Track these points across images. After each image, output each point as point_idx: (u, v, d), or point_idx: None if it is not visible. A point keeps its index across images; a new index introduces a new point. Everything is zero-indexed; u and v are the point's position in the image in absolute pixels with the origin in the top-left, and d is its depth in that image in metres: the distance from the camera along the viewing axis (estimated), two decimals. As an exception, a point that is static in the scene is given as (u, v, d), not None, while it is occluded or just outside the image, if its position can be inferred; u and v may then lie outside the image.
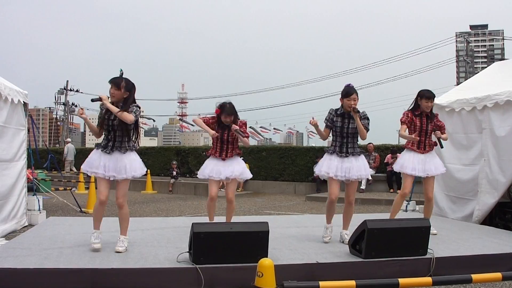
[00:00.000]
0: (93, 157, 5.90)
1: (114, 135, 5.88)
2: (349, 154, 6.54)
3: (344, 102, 6.51)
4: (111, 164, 5.80)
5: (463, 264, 5.65)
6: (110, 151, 5.85)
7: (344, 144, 6.57)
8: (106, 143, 5.90)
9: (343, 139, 6.57)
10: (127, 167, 5.85)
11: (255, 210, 13.34)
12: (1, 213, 8.03)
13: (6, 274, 4.87)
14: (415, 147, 7.31)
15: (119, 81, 5.86)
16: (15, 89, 8.61)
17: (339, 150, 6.56)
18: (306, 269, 5.33)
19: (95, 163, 5.84)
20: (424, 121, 7.25)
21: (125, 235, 5.97)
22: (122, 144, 5.90)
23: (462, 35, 61.12)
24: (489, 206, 8.35)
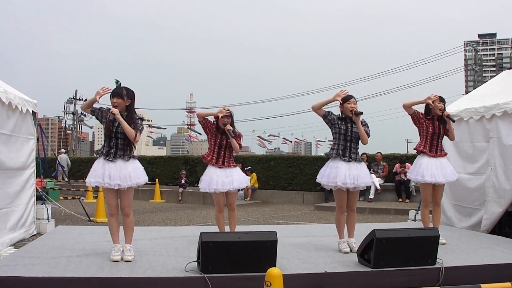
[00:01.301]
0: (97, 168, 5.88)
1: (116, 143, 5.87)
2: (352, 159, 6.50)
3: (344, 107, 6.51)
4: (115, 173, 5.79)
5: (473, 273, 5.61)
6: (113, 158, 5.85)
7: (348, 148, 6.52)
8: (108, 150, 5.89)
9: (346, 143, 6.52)
10: (132, 175, 5.85)
11: (264, 219, 13.33)
12: (9, 222, 8.06)
13: (15, 283, 4.88)
14: (427, 149, 7.24)
15: (120, 91, 5.88)
16: (25, 99, 8.66)
17: (343, 154, 6.51)
18: (315, 279, 5.31)
19: (99, 173, 5.82)
20: (436, 124, 7.21)
21: (131, 243, 5.98)
22: (125, 152, 5.90)
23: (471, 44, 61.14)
24: (497, 215, 8.31)
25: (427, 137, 7.24)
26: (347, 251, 6.42)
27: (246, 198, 19.11)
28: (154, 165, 23.76)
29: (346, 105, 6.49)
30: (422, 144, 7.28)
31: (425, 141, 7.26)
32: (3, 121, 7.81)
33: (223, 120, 6.90)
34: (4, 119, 7.85)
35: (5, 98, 7.66)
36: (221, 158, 7.04)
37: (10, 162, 8.08)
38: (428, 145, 7.25)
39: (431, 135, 7.22)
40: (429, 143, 7.25)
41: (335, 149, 6.58)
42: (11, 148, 8.17)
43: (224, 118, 6.90)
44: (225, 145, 6.98)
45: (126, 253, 5.82)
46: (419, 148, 7.31)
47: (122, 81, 6.05)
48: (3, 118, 7.80)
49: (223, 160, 7.04)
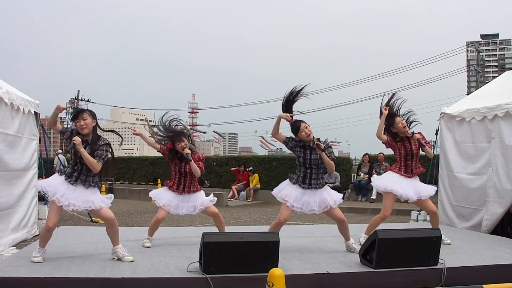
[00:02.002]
0: (54, 181, 5.78)
1: (81, 168, 5.76)
2: (312, 186, 6.33)
3: (300, 136, 6.27)
4: (72, 195, 5.68)
5: (475, 274, 5.61)
6: (74, 182, 5.74)
7: (308, 175, 6.35)
8: (72, 172, 5.79)
9: (306, 170, 6.34)
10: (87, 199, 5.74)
11: (266, 220, 13.34)
12: (11, 222, 8.07)
13: (17, 283, 4.89)
14: (402, 171, 7.07)
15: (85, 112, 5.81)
16: (27, 99, 8.68)
17: (302, 181, 6.36)
18: (317, 279, 5.31)
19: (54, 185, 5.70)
20: (407, 145, 7.05)
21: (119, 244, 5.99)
22: (87, 179, 5.80)
23: (473, 44, 61.00)
24: (498, 216, 8.31)
25: (400, 158, 7.09)
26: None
27: (248, 199, 19.12)
28: (156, 166, 23.80)
29: (301, 134, 6.26)
30: (397, 166, 7.12)
31: (400, 163, 7.10)
32: (8, 122, 7.82)
33: (179, 145, 6.71)
34: (9, 120, 7.86)
35: (8, 99, 7.66)
36: (182, 184, 6.93)
37: (14, 163, 8.10)
38: (403, 167, 7.09)
39: (404, 156, 7.06)
40: (403, 164, 7.09)
41: (296, 175, 6.45)
42: (16, 149, 8.19)
43: (181, 143, 6.70)
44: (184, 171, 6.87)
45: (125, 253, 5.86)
46: (394, 170, 7.15)
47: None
48: (8, 119, 7.81)
49: (183, 186, 6.94)
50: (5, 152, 7.69)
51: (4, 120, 7.66)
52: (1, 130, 7.58)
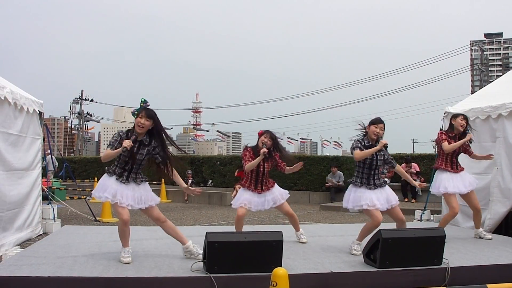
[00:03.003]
0: (107, 183, 5.78)
1: (131, 167, 5.83)
2: (377, 186, 6.50)
3: (370, 128, 6.51)
4: (129, 193, 5.76)
5: (479, 274, 5.60)
6: (125, 181, 5.81)
7: (372, 176, 6.51)
8: (122, 172, 5.82)
9: (370, 171, 6.51)
10: (143, 198, 5.88)
11: (269, 219, 13.31)
12: (16, 222, 8.08)
13: (21, 282, 4.90)
14: (448, 167, 7.52)
15: (153, 113, 5.86)
16: (31, 99, 8.68)
17: (367, 183, 6.49)
18: (320, 279, 5.31)
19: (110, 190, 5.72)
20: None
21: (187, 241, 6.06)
22: (137, 176, 5.89)
23: (477, 43, 60.80)
24: (501, 215, 8.29)
25: (447, 155, 7.52)
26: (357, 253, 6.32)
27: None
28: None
29: (372, 128, 6.50)
30: (443, 163, 7.58)
31: (446, 159, 7.56)
32: (11, 122, 7.83)
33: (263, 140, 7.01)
34: (12, 120, 7.87)
35: (12, 98, 7.67)
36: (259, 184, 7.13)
37: (18, 162, 8.10)
38: (449, 163, 7.56)
39: (451, 154, 7.49)
40: (449, 161, 7.56)
41: (359, 178, 6.56)
42: (19, 148, 8.19)
43: (266, 138, 7.01)
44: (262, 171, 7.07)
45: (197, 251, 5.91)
46: (440, 166, 7.59)
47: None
48: (10, 118, 7.82)
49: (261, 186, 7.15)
50: (7, 151, 7.69)
51: (6, 119, 7.66)
52: (3, 129, 7.58)
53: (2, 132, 7.54)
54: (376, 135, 6.43)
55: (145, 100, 5.95)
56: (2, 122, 7.54)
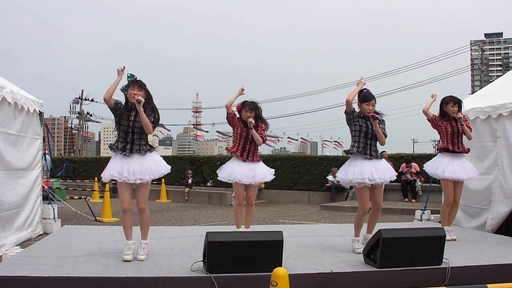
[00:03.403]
0: (114, 163, 5.81)
1: (132, 138, 5.83)
2: (373, 156, 6.49)
3: (362, 106, 6.50)
4: (135, 167, 5.75)
5: (479, 273, 5.60)
6: (129, 153, 5.80)
7: (368, 146, 6.51)
8: (124, 145, 5.83)
9: (367, 141, 6.50)
10: (153, 168, 5.85)
11: (270, 219, 13.33)
12: (16, 222, 8.08)
13: (21, 282, 4.89)
14: (450, 146, 7.45)
15: (141, 83, 5.90)
16: (31, 99, 8.68)
17: (364, 152, 6.48)
18: (321, 279, 5.30)
19: (116, 168, 5.75)
20: (454, 124, 7.45)
21: (146, 239, 6.00)
22: (141, 147, 5.87)
23: (477, 43, 60.79)
24: (503, 215, 8.29)
25: (447, 136, 7.47)
26: (360, 252, 6.27)
27: (252, 198, 19.11)
28: (160, 165, 23.75)
29: (364, 106, 6.49)
30: (445, 143, 7.52)
31: (447, 140, 7.50)
32: (10, 122, 7.83)
33: (245, 115, 7.00)
34: (11, 120, 7.87)
35: (12, 98, 7.67)
36: (246, 152, 7.13)
37: (17, 162, 8.10)
38: (450, 143, 7.48)
39: (451, 135, 7.46)
40: (450, 141, 7.48)
41: (355, 147, 6.55)
42: (19, 148, 8.19)
43: (247, 112, 6.99)
44: (250, 139, 7.07)
45: (140, 252, 5.85)
46: (442, 146, 7.56)
47: (126, 82, 5.99)
48: (10, 118, 7.81)
49: (247, 154, 7.12)
50: (6, 151, 7.69)
51: (6, 119, 7.66)
52: (3, 129, 7.57)
53: (1, 132, 7.53)
54: (369, 113, 6.42)
55: (131, 74, 5.99)
56: (2, 122, 7.54)
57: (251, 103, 7.09)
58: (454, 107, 7.39)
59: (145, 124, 5.73)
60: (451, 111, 7.38)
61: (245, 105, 7.08)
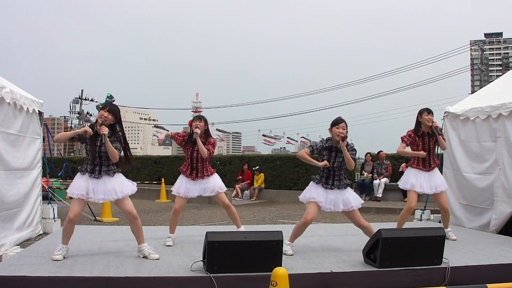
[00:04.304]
0: (79, 181, 5.93)
1: (100, 161, 5.96)
2: (335, 186, 6.47)
3: (332, 131, 6.44)
4: (100, 188, 5.90)
5: (479, 273, 5.60)
6: (98, 175, 5.94)
7: (331, 176, 6.50)
8: (93, 168, 5.96)
9: (329, 171, 6.49)
10: (117, 189, 5.94)
11: (269, 219, 13.32)
12: (16, 221, 8.09)
13: (21, 282, 4.90)
14: (420, 166, 7.52)
15: (114, 108, 6.07)
16: (31, 99, 8.68)
17: (325, 182, 6.50)
18: (321, 279, 5.31)
19: (83, 187, 5.88)
20: (426, 140, 7.44)
21: (143, 242, 6.07)
22: (109, 168, 5.99)
23: (477, 43, 60.87)
24: (506, 215, 8.28)
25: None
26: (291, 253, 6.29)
27: (252, 198, 19.15)
28: (160, 165, 23.81)
29: (334, 129, 6.42)
30: (415, 161, 7.59)
31: (418, 158, 7.55)
32: (10, 122, 7.83)
33: (195, 125, 6.97)
34: (11, 119, 7.87)
35: (11, 98, 7.67)
36: (194, 170, 7.13)
37: (17, 162, 8.10)
38: (421, 162, 7.54)
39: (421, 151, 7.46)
40: (421, 160, 7.53)
41: (319, 175, 6.60)
42: (18, 148, 8.19)
43: (196, 122, 6.98)
44: (196, 157, 7.07)
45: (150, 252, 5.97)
46: (413, 164, 7.62)
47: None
48: (10, 118, 7.82)
49: (196, 172, 7.12)
50: (6, 151, 7.69)
51: (5, 119, 7.66)
52: (2, 129, 7.58)
53: (1, 131, 7.54)
54: (339, 136, 6.35)
55: (111, 95, 6.11)
56: (1, 122, 7.54)
57: (201, 116, 7.17)
58: (429, 116, 7.39)
59: (110, 153, 5.88)
60: (426, 119, 7.36)
61: (195, 117, 7.12)
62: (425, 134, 7.42)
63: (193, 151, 7.02)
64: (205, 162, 7.11)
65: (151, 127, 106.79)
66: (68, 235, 5.96)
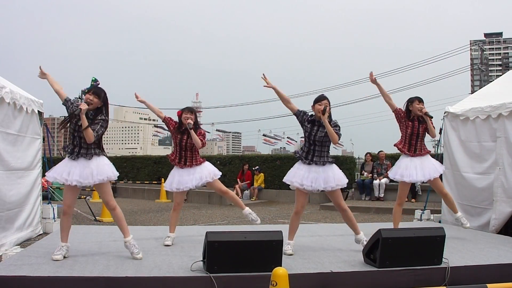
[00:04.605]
0: (60, 164, 5.93)
1: (80, 142, 5.86)
2: (313, 162, 6.39)
3: (315, 107, 6.40)
4: (76, 170, 5.79)
5: (479, 273, 5.60)
6: (75, 157, 5.86)
7: (311, 152, 6.42)
8: (72, 148, 5.90)
9: (310, 146, 6.44)
10: (94, 173, 5.82)
11: (269, 219, 13.34)
12: (17, 221, 8.09)
13: (21, 282, 4.89)
14: (406, 149, 7.46)
15: (99, 92, 5.95)
16: (31, 98, 8.68)
17: (305, 156, 6.45)
18: (320, 279, 5.31)
19: (59, 170, 5.86)
20: (416, 125, 7.39)
21: (129, 235, 6.02)
22: (88, 151, 5.88)
23: (477, 43, 60.99)
24: (506, 215, 8.28)
25: (406, 136, 7.47)
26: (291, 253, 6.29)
27: (252, 198, 19.16)
28: (159, 165, 23.81)
29: (316, 106, 6.38)
30: (402, 143, 7.54)
31: (404, 140, 7.51)
32: (9, 122, 7.83)
33: (185, 117, 6.95)
34: (10, 119, 7.86)
35: (11, 98, 7.67)
36: (183, 158, 7.10)
37: (17, 162, 8.10)
38: (407, 145, 7.49)
39: (409, 136, 7.44)
40: (407, 143, 7.49)
41: (301, 150, 6.60)
42: (18, 148, 8.19)
43: (187, 114, 6.96)
44: (185, 146, 7.05)
45: (133, 251, 5.90)
46: (399, 145, 7.56)
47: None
48: (9, 118, 7.82)
49: (185, 160, 7.09)
50: (6, 151, 7.69)
51: (5, 119, 7.66)
52: (2, 129, 7.57)
53: (1, 131, 7.54)
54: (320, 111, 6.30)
55: (95, 79, 6.03)
56: (1, 122, 7.54)
57: (191, 107, 7.19)
58: (420, 104, 7.35)
59: (84, 133, 5.72)
60: (417, 108, 7.32)
61: (185, 109, 7.10)
62: (415, 119, 7.39)
63: (181, 140, 7.01)
64: (194, 151, 7.10)
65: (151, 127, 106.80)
66: (65, 230, 5.94)
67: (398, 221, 7.64)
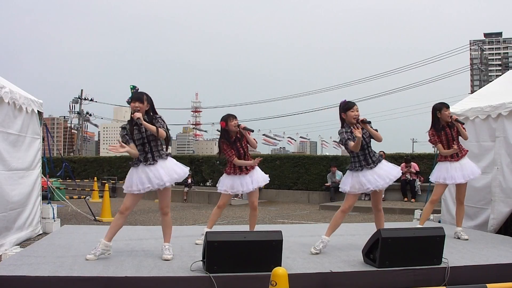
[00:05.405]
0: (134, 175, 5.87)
1: (150, 146, 5.89)
2: (375, 162, 6.48)
3: (347, 115, 6.40)
4: (156, 173, 5.83)
5: (478, 273, 5.60)
6: (153, 161, 5.87)
7: (368, 155, 6.49)
8: (145, 155, 5.89)
9: (364, 151, 6.47)
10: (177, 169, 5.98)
11: (269, 219, 13.33)
12: (18, 221, 8.10)
13: (21, 282, 4.89)
14: (448, 158, 7.58)
15: (141, 96, 5.88)
16: (30, 98, 8.69)
17: (366, 163, 6.46)
18: (320, 278, 5.31)
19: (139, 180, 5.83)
20: (448, 132, 7.52)
21: (169, 242, 6.06)
22: (160, 152, 5.95)
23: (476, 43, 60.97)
24: (504, 215, 8.29)
25: (446, 146, 7.56)
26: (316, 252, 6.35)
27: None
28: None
29: (350, 113, 6.40)
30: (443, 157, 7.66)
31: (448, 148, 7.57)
32: (10, 121, 7.83)
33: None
34: (11, 119, 7.87)
35: (10, 98, 7.67)
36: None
37: (17, 162, 8.11)
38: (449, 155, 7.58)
39: (446, 144, 7.54)
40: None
41: (356, 162, 6.53)
42: (19, 148, 8.20)
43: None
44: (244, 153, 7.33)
45: (165, 252, 5.92)
46: (441, 160, 7.70)
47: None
48: (10, 118, 7.82)
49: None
50: (6, 151, 7.69)
51: (6, 119, 7.67)
52: (3, 129, 7.58)
53: (1, 131, 7.54)
54: (356, 118, 6.35)
55: (133, 86, 5.97)
56: (1, 122, 7.55)
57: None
58: (448, 110, 7.52)
59: (151, 130, 5.73)
60: (446, 115, 7.46)
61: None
62: (445, 126, 7.51)
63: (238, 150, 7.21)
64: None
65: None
66: (113, 229, 5.95)
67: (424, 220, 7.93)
